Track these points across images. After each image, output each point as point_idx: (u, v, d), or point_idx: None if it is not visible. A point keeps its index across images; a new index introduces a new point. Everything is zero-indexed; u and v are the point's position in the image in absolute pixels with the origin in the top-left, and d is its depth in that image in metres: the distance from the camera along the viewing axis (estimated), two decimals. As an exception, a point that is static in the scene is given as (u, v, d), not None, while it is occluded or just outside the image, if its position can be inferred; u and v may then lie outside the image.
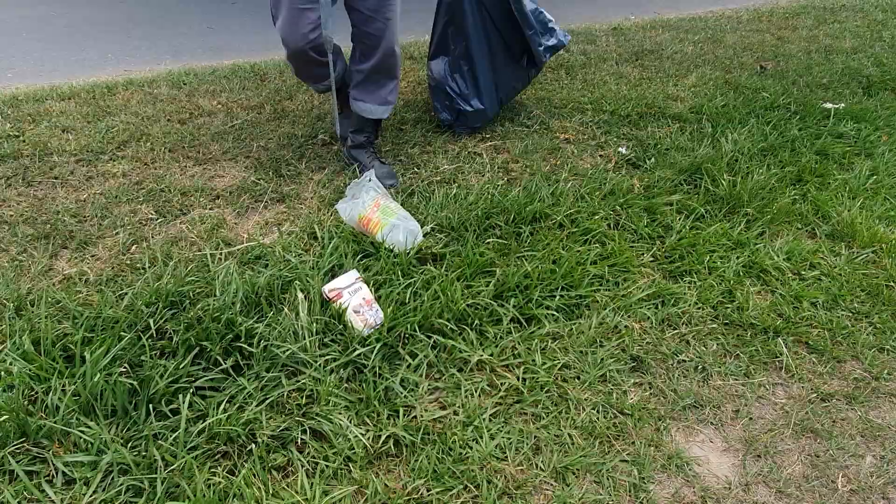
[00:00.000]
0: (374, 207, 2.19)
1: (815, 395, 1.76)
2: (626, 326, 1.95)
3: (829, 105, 3.64)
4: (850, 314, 2.07)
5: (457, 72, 2.99)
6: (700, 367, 1.83)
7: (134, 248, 2.21)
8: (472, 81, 2.99)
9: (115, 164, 2.73)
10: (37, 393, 1.56)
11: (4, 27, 4.98)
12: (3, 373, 1.60)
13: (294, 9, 2.21)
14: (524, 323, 1.94)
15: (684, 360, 1.85)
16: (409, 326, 1.83)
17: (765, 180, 2.74)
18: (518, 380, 1.74)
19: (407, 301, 1.93)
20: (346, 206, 2.26)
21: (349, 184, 2.42)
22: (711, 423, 1.67)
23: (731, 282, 2.17)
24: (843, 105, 3.65)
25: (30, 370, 1.60)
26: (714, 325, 1.99)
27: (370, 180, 2.30)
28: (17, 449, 1.44)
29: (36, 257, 2.13)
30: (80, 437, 1.46)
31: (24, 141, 2.87)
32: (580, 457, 1.53)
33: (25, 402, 1.53)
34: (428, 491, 1.44)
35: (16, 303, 1.89)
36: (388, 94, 2.59)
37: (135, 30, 5.02)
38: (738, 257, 2.29)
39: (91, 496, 1.36)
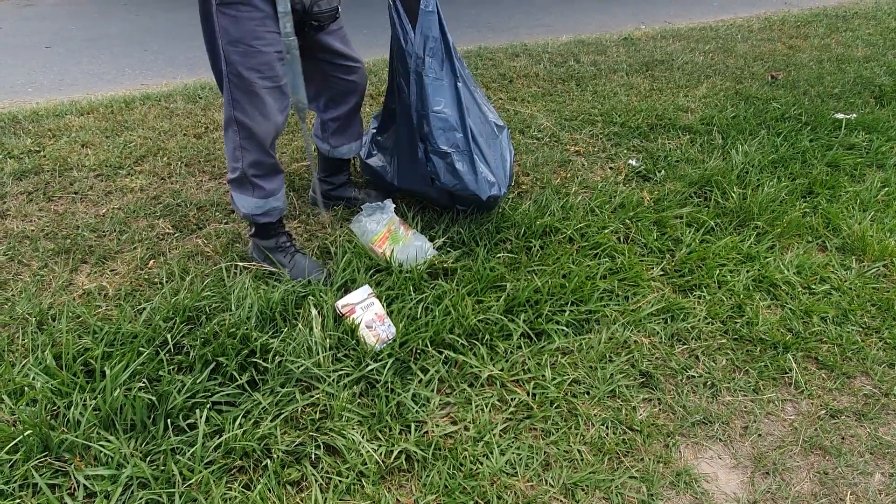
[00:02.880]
0: (386, 234, 2.23)
1: (824, 411, 1.77)
2: (635, 341, 1.97)
3: (840, 115, 3.63)
4: (861, 329, 2.08)
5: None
6: (709, 382, 1.85)
7: (151, 262, 2.26)
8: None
9: (132, 178, 2.79)
10: (58, 407, 1.60)
11: (25, 41, 5.09)
12: (26, 388, 1.65)
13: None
14: (534, 338, 1.96)
15: (693, 376, 1.86)
16: (420, 342, 1.86)
17: (775, 193, 2.75)
18: (528, 395, 1.77)
19: (419, 316, 1.96)
20: (359, 227, 2.29)
21: (363, 203, 2.46)
22: (720, 439, 1.68)
23: (741, 296, 2.18)
24: (854, 115, 3.65)
25: (52, 385, 1.64)
26: (723, 341, 2.00)
27: (384, 205, 2.34)
28: (39, 463, 1.48)
29: (57, 272, 2.19)
30: (101, 451, 1.50)
31: (44, 156, 2.94)
32: (589, 473, 1.55)
33: (48, 417, 1.57)
34: (439, 506, 1.47)
35: (38, 317, 1.94)
36: (360, 126, 2.41)
37: (151, 43, 5.11)
38: (747, 271, 2.30)
39: (111, 510, 1.40)
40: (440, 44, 2.16)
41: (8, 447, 1.48)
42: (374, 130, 2.58)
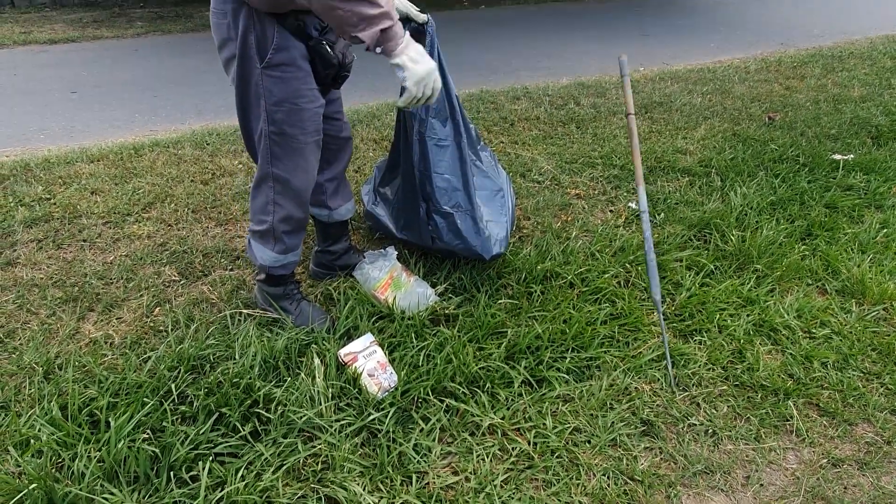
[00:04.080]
0: (388, 281, 2.26)
1: (826, 460, 1.76)
2: (636, 388, 1.98)
3: (837, 156, 3.68)
4: (861, 374, 2.08)
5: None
6: (710, 430, 1.85)
7: (157, 310, 2.29)
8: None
9: (140, 225, 2.84)
10: (63, 459, 1.62)
11: (37, 86, 5.22)
12: (32, 439, 1.66)
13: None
14: (535, 385, 1.97)
15: (695, 424, 1.86)
16: (422, 390, 1.88)
17: (774, 235, 2.78)
18: (529, 444, 1.77)
19: (420, 364, 1.98)
20: (362, 275, 2.33)
21: (366, 251, 2.49)
22: (722, 489, 1.67)
23: (742, 341, 2.19)
24: (852, 156, 3.69)
25: (57, 437, 1.66)
26: (724, 387, 2.01)
27: (387, 251, 2.37)
28: (43, 517, 1.49)
29: (64, 320, 2.22)
30: (104, 505, 1.51)
31: (54, 203, 3.00)
32: (591, 525, 1.54)
33: (53, 469, 1.59)
34: (440, 560, 1.46)
35: (45, 367, 1.97)
36: (350, 186, 2.39)
37: (161, 88, 5.23)
38: (748, 315, 2.31)
39: (113, 565, 1.41)
40: (444, 104, 2.21)
41: (13, 501, 1.49)
42: (378, 180, 2.63)
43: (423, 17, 2.11)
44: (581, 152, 3.74)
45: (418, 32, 2.12)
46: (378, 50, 1.62)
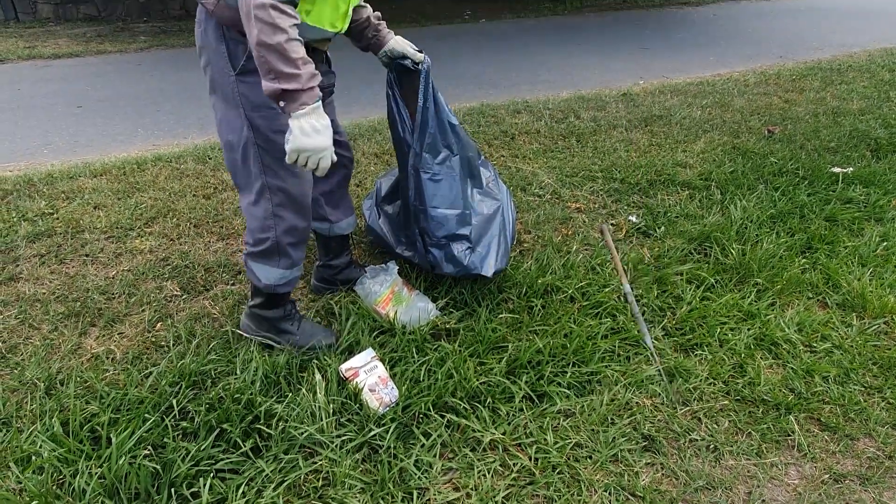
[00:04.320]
0: (389, 295, 2.27)
1: (827, 475, 1.76)
2: (637, 403, 1.98)
3: (837, 169, 3.69)
4: (863, 389, 2.08)
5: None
6: (712, 446, 1.84)
7: (159, 325, 2.30)
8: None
9: (142, 240, 2.86)
10: (64, 476, 1.62)
11: (41, 101, 5.25)
12: (33, 456, 1.67)
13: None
14: (536, 400, 1.97)
15: (696, 439, 1.86)
16: (423, 405, 1.88)
17: (774, 248, 2.79)
18: (530, 459, 1.77)
19: (421, 379, 1.98)
20: (363, 289, 2.34)
21: (367, 265, 2.50)
22: (724, 505, 1.67)
23: (742, 355, 2.19)
24: (851, 169, 3.71)
25: (58, 453, 1.66)
26: (725, 402, 2.00)
27: (388, 266, 2.38)
28: (44, 534, 1.49)
29: (66, 335, 2.23)
30: (105, 522, 1.51)
31: (57, 218, 3.02)
32: (592, 542, 1.54)
33: (54, 486, 1.59)
34: (441, 578, 1.46)
35: (46, 382, 1.97)
36: (351, 201, 2.41)
37: (164, 103, 5.27)
38: (748, 329, 2.32)
39: (114, 583, 1.40)
40: (437, 138, 2.21)
41: (13, 518, 1.49)
42: (380, 196, 2.64)
43: (419, 57, 2.13)
44: (581, 166, 3.75)
45: (413, 71, 2.13)
46: (281, 104, 1.62)
